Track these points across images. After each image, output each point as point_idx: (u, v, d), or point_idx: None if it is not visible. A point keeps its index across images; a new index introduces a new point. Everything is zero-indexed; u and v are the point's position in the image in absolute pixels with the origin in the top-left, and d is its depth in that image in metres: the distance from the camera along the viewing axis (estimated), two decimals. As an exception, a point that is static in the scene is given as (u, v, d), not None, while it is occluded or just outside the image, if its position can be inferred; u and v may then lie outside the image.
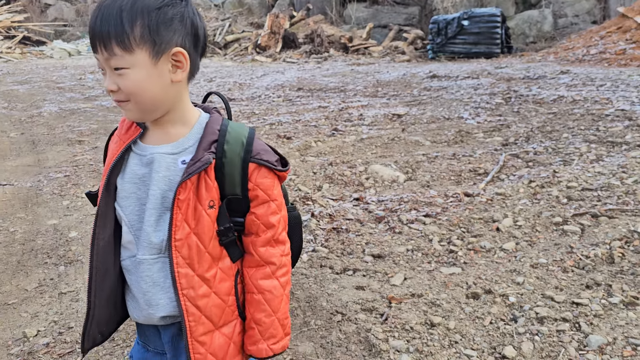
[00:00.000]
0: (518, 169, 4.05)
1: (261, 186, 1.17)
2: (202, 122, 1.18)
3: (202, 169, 1.10)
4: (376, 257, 2.87)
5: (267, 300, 1.20)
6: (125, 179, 1.17)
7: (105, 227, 1.18)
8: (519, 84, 7.65)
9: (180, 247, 1.13)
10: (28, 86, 9.59)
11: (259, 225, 1.19)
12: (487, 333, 2.17)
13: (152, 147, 1.16)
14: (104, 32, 1.05)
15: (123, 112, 1.13)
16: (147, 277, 1.16)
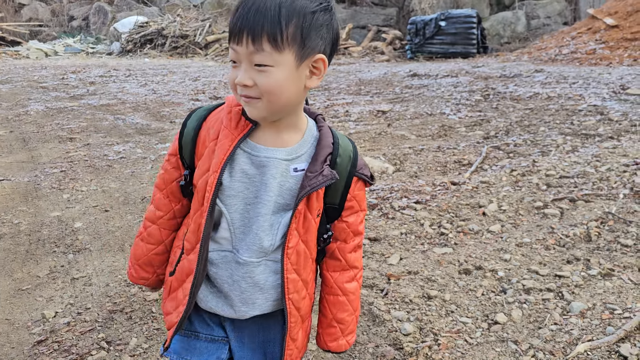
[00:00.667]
0: (500, 159, 4.29)
1: (357, 197, 1.23)
2: (312, 129, 1.19)
3: (326, 184, 1.13)
4: (372, 240, 3.06)
5: (350, 301, 1.28)
6: (234, 178, 1.15)
7: (211, 223, 1.17)
8: (496, 82, 7.94)
9: (291, 254, 1.17)
10: (10, 85, 9.55)
11: (348, 233, 1.24)
12: (479, 303, 2.37)
13: (265, 148, 1.14)
14: (257, 25, 1.01)
15: (247, 108, 1.10)
16: (248, 278, 1.18)
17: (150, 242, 1.32)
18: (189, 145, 1.21)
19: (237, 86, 1.07)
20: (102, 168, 4.65)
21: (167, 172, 1.28)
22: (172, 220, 1.30)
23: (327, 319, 1.30)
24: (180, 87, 9.05)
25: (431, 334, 2.18)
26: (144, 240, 1.33)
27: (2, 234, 3.37)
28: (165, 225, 1.31)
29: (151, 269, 1.35)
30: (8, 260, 3.05)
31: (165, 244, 1.32)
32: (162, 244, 1.32)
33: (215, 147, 1.15)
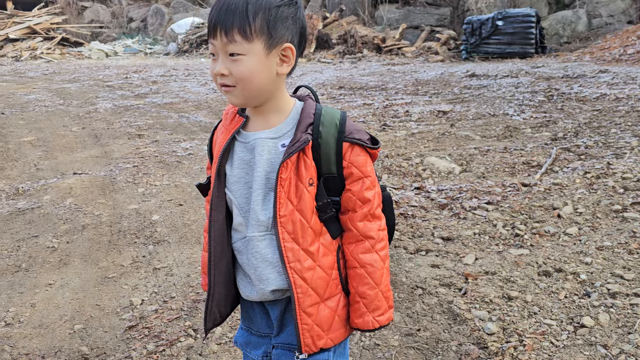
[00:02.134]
0: (571, 161, 4.19)
1: (355, 163, 1.23)
2: (298, 108, 1.26)
3: (301, 149, 1.19)
4: (446, 240, 3.05)
5: (369, 273, 1.25)
6: (234, 166, 1.26)
7: (218, 211, 1.27)
8: (559, 82, 7.73)
9: (285, 223, 1.20)
10: (78, 84, 9.98)
11: (355, 202, 1.24)
12: (563, 305, 2.33)
13: (254, 133, 1.25)
14: (228, 20, 1.15)
15: (227, 97, 1.22)
16: (256, 254, 1.24)
17: (207, 250, 1.36)
18: (209, 152, 1.37)
19: (217, 77, 1.19)
20: (172, 164, 4.81)
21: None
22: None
23: (351, 295, 1.29)
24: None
25: (515, 334, 2.16)
26: (204, 249, 1.39)
27: (85, 224, 3.55)
28: None
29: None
30: (93, 250, 3.20)
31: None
32: None
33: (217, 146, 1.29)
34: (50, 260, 3.09)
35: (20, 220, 3.66)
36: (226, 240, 1.29)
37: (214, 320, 1.33)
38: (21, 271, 2.99)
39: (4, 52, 17.85)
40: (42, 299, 2.69)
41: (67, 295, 2.72)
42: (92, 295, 2.71)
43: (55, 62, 15.83)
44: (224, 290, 1.31)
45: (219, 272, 1.28)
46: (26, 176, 4.63)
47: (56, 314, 2.56)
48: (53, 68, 13.28)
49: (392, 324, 2.32)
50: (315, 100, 1.32)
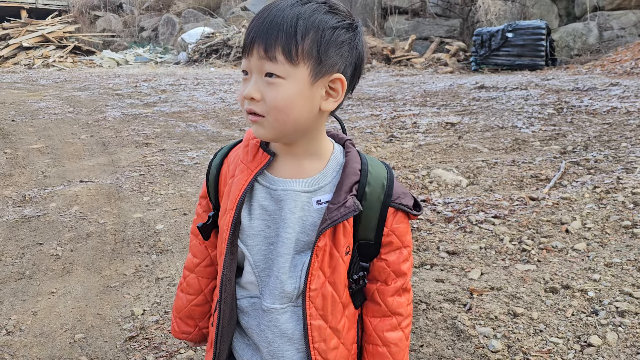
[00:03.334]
0: (580, 175, 4.14)
1: (396, 232, 1.08)
2: (337, 156, 1.08)
3: (348, 217, 1.01)
4: (451, 254, 3.01)
5: (392, 353, 1.12)
6: (253, 215, 1.06)
7: (231, 269, 1.09)
8: (569, 95, 7.68)
9: (314, 298, 1.04)
10: (88, 92, 10.06)
11: (389, 273, 1.10)
12: (570, 323, 2.28)
13: (284, 180, 1.05)
14: (272, 34, 0.95)
15: (253, 126, 1.01)
16: (274, 327, 1.07)
17: (190, 293, 1.24)
18: (213, 186, 1.15)
19: (244, 100, 0.99)
20: (178, 173, 4.81)
21: (199, 217, 1.21)
22: (209, 268, 1.23)
23: None
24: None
25: (520, 352, 2.12)
26: (184, 290, 1.25)
27: (90, 232, 3.54)
28: (203, 274, 1.23)
29: (192, 322, 1.27)
30: (96, 258, 3.20)
31: (204, 293, 1.24)
32: (201, 294, 1.24)
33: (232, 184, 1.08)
34: (54, 268, 3.09)
35: (26, 228, 3.67)
36: (235, 301, 1.11)
37: None
38: (24, 279, 2.98)
39: (17, 60, 18.07)
40: (44, 307, 2.68)
41: (69, 304, 2.70)
42: (94, 304, 2.70)
43: (67, 70, 16.00)
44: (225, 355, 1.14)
45: (227, 337, 1.12)
46: (33, 183, 4.65)
47: (57, 322, 2.55)
48: (64, 76, 13.41)
49: None
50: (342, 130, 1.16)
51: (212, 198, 1.16)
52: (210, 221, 1.15)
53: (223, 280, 1.08)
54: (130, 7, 23.31)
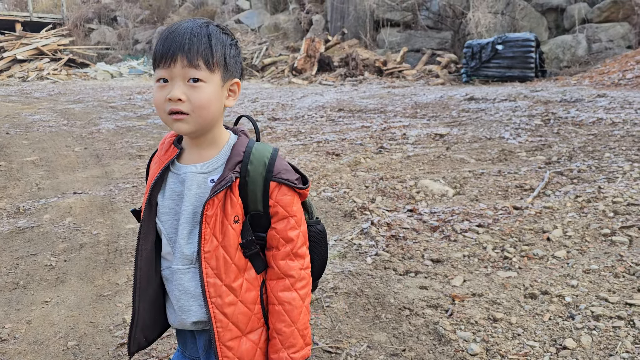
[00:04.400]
0: (563, 185, 4.24)
1: (281, 203, 1.27)
2: (231, 143, 1.30)
3: (226, 187, 1.21)
4: (435, 262, 3.10)
5: (287, 311, 1.28)
6: (165, 196, 1.29)
7: (147, 240, 1.30)
8: (557, 106, 7.82)
9: (209, 259, 1.23)
10: (82, 105, 10.14)
11: (278, 240, 1.28)
12: (547, 327, 2.37)
13: (186, 166, 1.28)
14: (193, 47, 1.18)
15: (174, 125, 1.22)
16: (179, 285, 1.27)
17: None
18: (145, 178, 1.40)
19: (166, 103, 1.19)
20: (170, 184, 4.88)
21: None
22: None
23: (270, 330, 1.32)
24: (240, 108, 9.37)
25: (498, 355, 2.20)
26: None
27: (83, 243, 3.61)
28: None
29: None
30: (90, 268, 3.26)
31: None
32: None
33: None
34: (48, 278, 3.15)
35: (20, 239, 3.73)
36: (154, 269, 1.32)
37: (138, 344, 1.36)
38: (19, 288, 3.04)
39: (12, 72, 18.14)
40: (37, 316, 2.74)
41: (62, 313, 2.77)
42: (87, 313, 2.76)
43: (61, 82, 16.07)
44: (150, 317, 1.34)
45: (144, 299, 1.32)
46: (27, 195, 4.71)
47: (51, 330, 2.61)
48: (59, 89, 13.49)
49: (379, 344, 2.36)
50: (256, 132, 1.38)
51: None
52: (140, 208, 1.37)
53: (138, 250, 1.30)
54: (124, 20, 23.46)
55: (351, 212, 3.91)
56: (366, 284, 2.87)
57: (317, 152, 5.79)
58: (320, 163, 5.28)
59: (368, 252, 3.24)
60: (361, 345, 2.35)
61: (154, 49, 1.24)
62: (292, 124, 7.62)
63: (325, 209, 4.05)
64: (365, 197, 4.26)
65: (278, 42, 18.33)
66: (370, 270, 3.02)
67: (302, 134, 6.84)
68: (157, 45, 1.22)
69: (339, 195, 4.32)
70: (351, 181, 4.66)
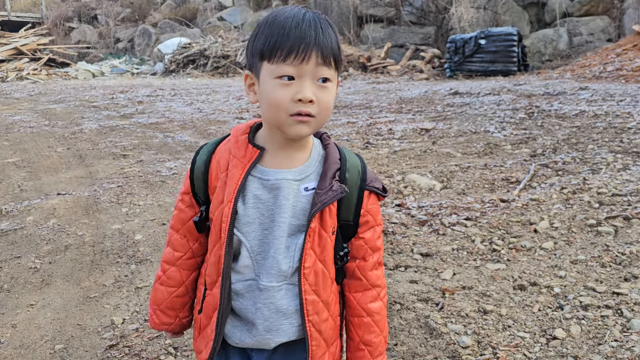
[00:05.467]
0: (548, 177, 4.28)
1: (371, 212, 1.21)
2: (317, 148, 1.20)
3: (337, 199, 1.13)
4: (424, 256, 3.10)
5: (376, 321, 1.24)
6: (248, 205, 1.15)
7: (230, 254, 1.17)
8: (540, 99, 7.89)
9: (308, 275, 1.15)
10: (64, 105, 10.01)
11: (366, 250, 1.22)
12: (537, 318, 2.39)
13: (275, 171, 1.15)
14: (326, 43, 1.07)
15: (295, 127, 1.09)
16: (270, 304, 1.16)
17: (171, 285, 1.30)
18: (201, 181, 1.21)
19: (292, 104, 1.06)
20: (156, 183, 4.84)
21: (182, 212, 1.27)
22: (191, 260, 1.29)
23: (354, 342, 1.25)
24: (225, 105, 9.31)
25: (489, 347, 2.21)
26: (164, 283, 1.31)
27: (68, 244, 3.56)
28: (184, 266, 1.29)
29: (173, 312, 1.33)
30: (75, 270, 3.21)
31: (186, 285, 1.31)
32: (182, 285, 1.31)
33: (226, 178, 1.16)
34: (32, 281, 3.10)
35: (3, 242, 3.66)
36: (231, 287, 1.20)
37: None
38: (3, 292, 2.99)
39: (-10, 73, 17.83)
40: (23, 320, 2.69)
41: (48, 316, 2.72)
42: (74, 315, 2.72)
43: (41, 82, 15.84)
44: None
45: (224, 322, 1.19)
46: (10, 197, 4.63)
47: (37, 334, 2.56)
48: (39, 89, 13.29)
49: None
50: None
51: (201, 193, 1.22)
52: (203, 215, 1.22)
53: (224, 268, 1.16)
54: (105, 19, 23.18)
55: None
56: (356, 280, 2.86)
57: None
58: (306, 159, 5.26)
59: (357, 248, 3.23)
60: (353, 341, 2.34)
61: (269, 39, 1.08)
62: (278, 121, 7.58)
63: (313, 206, 4.03)
64: (353, 193, 4.25)
65: (261, 39, 18.21)
66: (359, 265, 3.02)
67: (288, 131, 6.82)
68: (279, 36, 1.07)
69: (326, 192, 4.30)
70: (338, 177, 4.65)
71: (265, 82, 1.09)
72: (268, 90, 1.08)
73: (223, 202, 1.15)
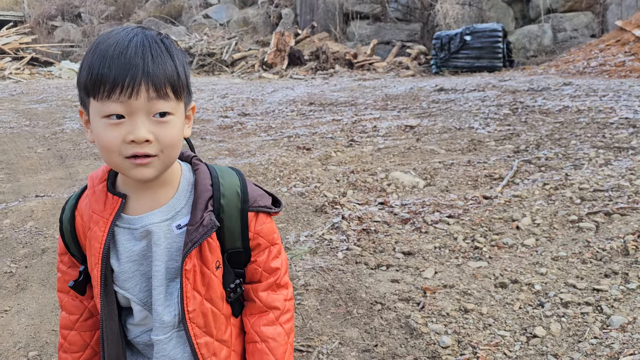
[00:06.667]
0: (531, 173, 4.27)
1: (261, 233, 1.11)
2: (187, 175, 1.09)
3: (209, 235, 1.02)
4: (406, 254, 3.08)
5: (271, 348, 1.12)
6: (121, 260, 1.05)
7: (111, 319, 1.07)
8: (524, 95, 7.90)
9: (194, 318, 1.06)
10: (45, 105, 9.87)
11: (261, 273, 1.13)
12: (517, 316, 2.37)
13: (141, 217, 1.04)
14: (158, 71, 0.93)
15: (134, 171, 0.97)
16: (163, 357, 1.09)
17: (75, 351, 1.18)
18: (71, 240, 1.11)
19: (124, 146, 0.94)
20: (137, 184, 4.76)
21: (65, 274, 1.16)
22: (89, 320, 1.18)
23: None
24: (209, 104, 9.24)
25: (470, 347, 2.19)
26: (68, 350, 1.19)
27: (45, 248, 3.49)
28: (84, 328, 1.18)
29: None
30: (52, 274, 3.15)
31: (91, 346, 1.19)
32: (88, 348, 1.19)
33: (90, 238, 1.05)
34: (7, 286, 3.03)
35: (-21, 245, 3.59)
36: (121, 349, 1.10)
37: None
38: (-24, 298, 2.92)
39: (-28, 72, 17.57)
40: (-4, 326, 2.63)
41: (22, 322, 2.66)
42: (49, 321, 2.66)
43: (24, 82, 15.63)
44: None
45: None
46: (-13, 200, 4.54)
47: (10, 341, 2.51)
48: (21, 88, 13.11)
49: (350, 341, 2.33)
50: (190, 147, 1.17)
51: (76, 253, 1.12)
52: (82, 277, 1.11)
53: (104, 332, 1.07)
54: (89, 17, 22.92)
55: (322, 206, 3.87)
56: (337, 280, 2.83)
57: (287, 147, 5.73)
58: (290, 158, 5.23)
59: (339, 247, 3.20)
60: (333, 343, 2.32)
61: (91, 72, 0.93)
62: (263, 119, 7.53)
63: (296, 205, 4.00)
64: (337, 191, 4.22)
65: (247, 37, 18.15)
66: (341, 265, 2.99)
67: (273, 129, 6.77)
68: (99, 67, 0.92)
69: (309, 190, 4.27)
70: (322, 175, 4.62)
71: (94, 122, 0.97)
72: (97, 132, 0.96)
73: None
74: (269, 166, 4.98)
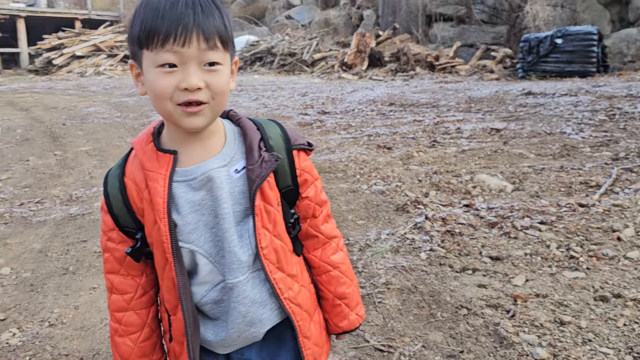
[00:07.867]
0: (633, 182, 3.94)
1: (306, 169, 1.17)
2: (229, 127, 1.12)
3: (273, 169, 1.07)
4: (494, 259, 2.91)
5: (344, 272, 1.22)
6: (184, 213, 1.05)
7: (183, 273, 1.07)
8: (622, 101, 7.37)
9: (268, 254, 1.09)
10: (136, 98, 10.35)
11: (314, 207, 1.19)
12: (622, 334, 2.16)
13: (198, 166, 1.05)
14: (208, 23, 0.97)
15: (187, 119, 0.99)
16: (244, 299, 1.09)
17: (133, 332, 1.17)
18: (124, 209, 1.09)
19: (177, 93, 0.97)
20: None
21: (114, 251, 1.13)
22: (144, 297, 1.16)
23: (329, 300, 1.23)
24: (290, 102, 9.32)
25: (567, 362, 2.01)
26: (125, 333, 1.17)
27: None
28: (139, 305, 1.16)
29: (146, 359, 1.20)
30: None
31: (149, 325, 1.18)
32: (146, 326, 1.18)
33: (150, 195, 1.04)
34: (97, 265, 3.15)
35: (72, 226, 3.77)
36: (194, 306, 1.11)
37: None
38: (68, 274, 3.05)
39: (71, 68, 18.80)
40: (85, 302, 2.73)
41: (109, 299, 2.74)
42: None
43: (116, 77, 16.53)
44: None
45: (196, 344, 1.10)
46: (80, 184, 4.78)
47: (97, 317, 2.59)
48: (114, 83, 13.86)
49: (434, 344, 2.21)
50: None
51: (129, 223, 1.10)
52: (139, 244, 1.09)
53: (180, 289, 1.07)
54: (178, 17, 23.91)
55: (404, 205, 3.75)
56: (420, 280, 2.71)
57: (367, 145, 5.65)
58: (371, 156, 5.14)
59: (422, 247, 3.08)
60: (415, 345, 2.21)
61: (144, 24, 0.97)
62: (342, 118, 7.49)
63: (376, 202, 3.90)
64: (419, 191, 4.09)
65: (328, 38, 18.22)
66: (424, 266, 2.86)
67: (353, 128, 6.71)
68: (152, 19, 0.96)
69: (390, 189, 4.16)
70: (403, 175, 4.49)
71: (147, 73, 0.99)
72: (151, 81, 0.99)
73: (156, 221, 1.04)
74: (349, 163, 4.92)
